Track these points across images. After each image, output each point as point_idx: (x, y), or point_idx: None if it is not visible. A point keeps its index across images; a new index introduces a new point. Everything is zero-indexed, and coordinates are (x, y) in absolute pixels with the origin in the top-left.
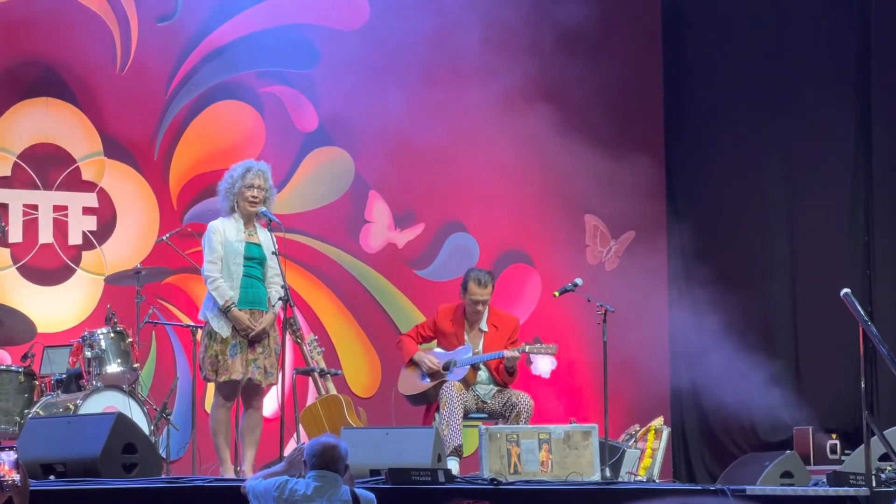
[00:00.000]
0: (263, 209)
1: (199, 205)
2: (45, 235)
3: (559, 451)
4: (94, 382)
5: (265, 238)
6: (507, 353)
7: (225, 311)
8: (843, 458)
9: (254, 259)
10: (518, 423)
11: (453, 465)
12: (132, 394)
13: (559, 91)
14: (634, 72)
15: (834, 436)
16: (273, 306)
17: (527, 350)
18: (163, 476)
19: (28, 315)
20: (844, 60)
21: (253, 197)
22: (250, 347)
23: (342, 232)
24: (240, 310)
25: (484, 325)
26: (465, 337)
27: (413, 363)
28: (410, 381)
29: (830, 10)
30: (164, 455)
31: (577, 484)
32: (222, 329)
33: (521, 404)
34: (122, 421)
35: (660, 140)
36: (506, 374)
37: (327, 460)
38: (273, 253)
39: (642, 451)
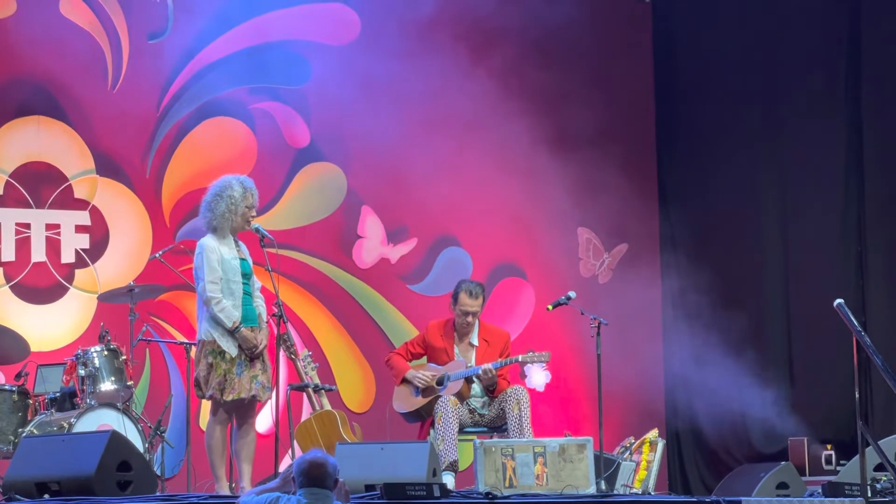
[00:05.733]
0: (256, 225)
1: (191, 222)
2: (38, 254)
3: (554, 464)
4: (88, 400)
5: (247, 252)
6: (485, 365)
7: (232, 332)
8: (838, 468)
9: (245, 275)
10: (520, 412)
11: (449, 480)
12: (126, 411)
13: (551, 105)
14: (626, 84)
15: (829, 446)
16: (264, 321)
17: (520, 360)
18: (158, 494)
19: (21, 334)
20: (835, 72)
21: (252, 216)
22: (251, 364)
23: (335, 247)
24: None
25: (475, 340)
26: (456, 350)
27: (405, 381)
28: (404, 398)
29: (821, 22)
30: (158, 472)
31: (573, 497)
32: (231, 348)
33: (516, 393)
34: (116, 439)
35: (652, 152)
36: (487, 391)
37: (315, 477)
38: (266, 269)
39: (637, 464)
